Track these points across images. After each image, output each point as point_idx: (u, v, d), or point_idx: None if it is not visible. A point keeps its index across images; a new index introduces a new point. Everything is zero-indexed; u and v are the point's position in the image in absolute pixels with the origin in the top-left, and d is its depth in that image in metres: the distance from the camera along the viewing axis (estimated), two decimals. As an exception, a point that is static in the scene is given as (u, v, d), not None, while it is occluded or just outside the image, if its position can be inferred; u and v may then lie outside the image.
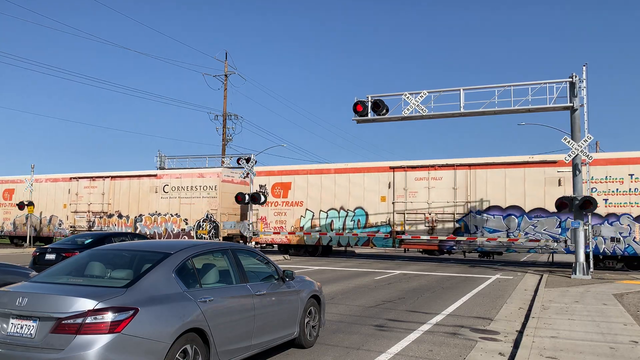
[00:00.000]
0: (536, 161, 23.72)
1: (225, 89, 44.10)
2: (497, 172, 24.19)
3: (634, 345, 7.52)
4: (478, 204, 24.43)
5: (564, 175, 22.41)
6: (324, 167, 28.65)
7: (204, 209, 30.68)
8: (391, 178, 26.20)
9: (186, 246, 6.14)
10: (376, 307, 11.38)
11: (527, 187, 23.49)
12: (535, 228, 23.16)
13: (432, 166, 25.45)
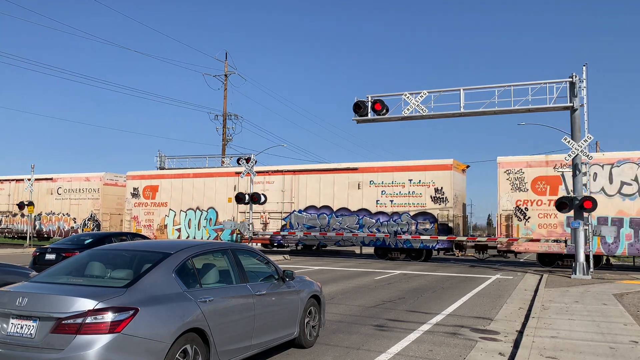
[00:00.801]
0: (342, 168, 28.46)
1: (225, 89, 44.11)
2: (314, 177, 28.78)
3: (634, 345, 7.52)
4: (300, 204, 28.95)
5: (363, 179, 27.51)
6: (184, 172, 33.34)
7: (89, 209, 35.43)
8: (236, 182, 30.45)
9: (186, 246, 6.14)
10: (376, 307, 11.38)
11: (336, 190, 28.16)
12: (340, 224, 27.87)
13: (266, 172, 29.81)
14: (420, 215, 26.19)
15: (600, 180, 22.59)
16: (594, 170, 22.41)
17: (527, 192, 23.98)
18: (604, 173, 22.56)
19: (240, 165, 28.27)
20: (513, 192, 24.22)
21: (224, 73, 44.37)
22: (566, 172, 20.69)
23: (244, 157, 28.67)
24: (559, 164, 22.20)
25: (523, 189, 24.11)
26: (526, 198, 24.04)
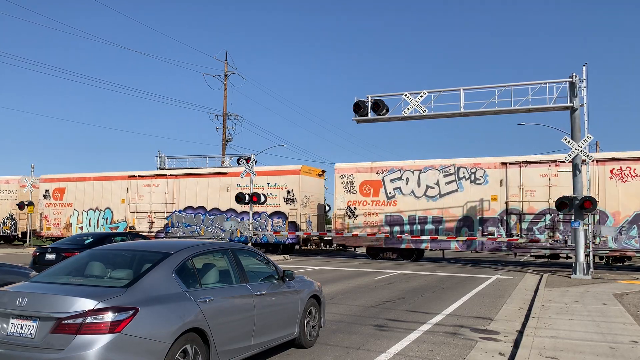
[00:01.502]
0: (215, 172, 31.96)
1: (225, 89, 44.11)
2: (192, 180, 31.91)
3: (634, 345, 7.52)
4: (180, 205, 32.13)
5: (231, 183, 30.59)
6: (87, 176, 35.76)
7: (7, 209, 38.23)
8: (128, 185, 33.71)
9: (186, 246, 6.14)
10: (376, 307, 11.38)
11: (209, 192, 31.26)
12: (212, 223, 30.92)
13: (152, 176, 33.30)
14: (275, 214, 29.53)
15: (411, 184, 26.18)
16: (406, 175, 26.33)
17: (356, 194, 27.64)
18: (414, 178, 26.13)
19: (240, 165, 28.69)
20: (346, 194, 27.66)
21: (224, 73, 44.37)
22: (386, 177, 26.45)
23: (244, 157, 28.78)
24: (381, 169, 26.78)
25: (353, 191, 27.65)
26: (355, 199, 27.59)
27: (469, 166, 25.08)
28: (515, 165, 24.26)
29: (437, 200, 25.42)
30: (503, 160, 24.53)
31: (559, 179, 23.23)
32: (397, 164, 26.87)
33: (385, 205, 26.50)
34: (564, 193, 20.94)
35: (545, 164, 23.77)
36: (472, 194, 24.82)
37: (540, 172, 23.80)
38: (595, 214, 21.84)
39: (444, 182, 25.30)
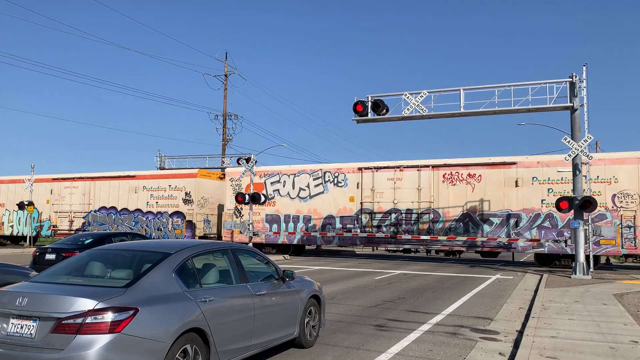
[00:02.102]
0: (124, 175, 34.05)
1: (225, 89, 44.11)
2: (106, 183, 34.47)
3: (634, 345, 7.52)
4: (95, 205, 34.63)
5: (138, 185, 33.02)
6: (18, 178, 37.71)
7: None
8: (52, 186, 36.24)
9: (186, 246, 6.14)
10: (376, 307, 11.38)
11: (120, 194, 33.81)
12: (122, 221, 33.26)
13: (73, 178, 35.79)
14: (175, 214, 31.99)
15: (287, 186, 29.02)
16: (284, 179, 29.18)
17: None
18: (290, 181, 29.02)
19: (241, 165, 28.70)
20: (234, 195, 28.99)
21: (224, 73, 44.38)
22: (267, 180, 29.32)
23: (244, 157, 28.73)
24: (263, 173, 29.58)
25: None
26: None
27: (333, 171, 28.17)
28: (369, 170, 27.19)
29: (307, 201, 28.41)
30: (359, 166, 27.55)
31: (402, 182, 26.30)
32: (276, 168, 29.84)
33: (266, 205, 29.16)
34: (406, 194, 25.96)
35: (392, 169, 26.68)
36: (335, 195, 27.88)
37: (388, 176, 26.65)
38: (429, 213, 25.63)
39: (313, 185, 28.29)
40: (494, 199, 24.74)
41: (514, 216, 24.15)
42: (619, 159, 22.80)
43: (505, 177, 24.63)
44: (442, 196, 25.54)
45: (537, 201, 23.84)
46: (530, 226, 23.81)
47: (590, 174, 21.21)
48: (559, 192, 23.17)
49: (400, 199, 26.12)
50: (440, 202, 25.58)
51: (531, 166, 24.12)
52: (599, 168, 22.69)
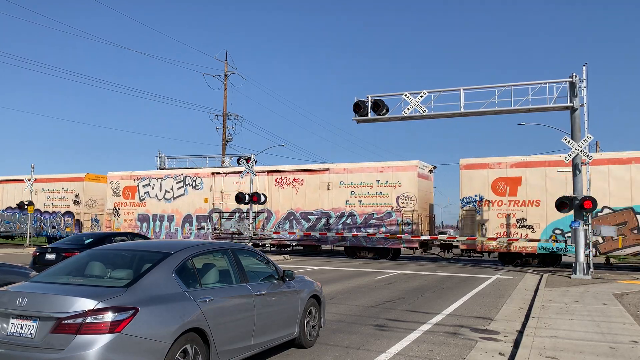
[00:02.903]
0: (17, 179, 37.54)
1: (225, 89, 44.11)
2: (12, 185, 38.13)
3: (634, 345, 7.52)
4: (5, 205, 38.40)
5: (38, 187, 36.45)
6: None
7: None
8: None
9: (186, 246, 6.14)
10: (376, 307, 11.38)
11: (23, 195, 36.37)
12: (25, 221, 35.76)
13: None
14: (67, 213, 36.11)
15: (156, 189, 33.16)
16: (153, 182, 33.29)
17: (119, 197, 34.54)
18: (158, 184, 33.07)
19: (241, 165, 28.93)
20: (113, 197, 34.48)
21: (224, 73, 44.38)
22: (140, 183, 33.27)
23: (244, 157, 28.77)
24: (137, 177, 33.63)
25: (118, 194, 34.58)
26: (119, 201, 34.58)
27: (192, 175, 32.51)
28: (220, 175, 31.55)
29: (171, 202, 32.44)
30: (212, 171, 32.04)
31: (245, 185, 29.75)
32: (147, 173, 34.13)
33: (138, 206, 33.45)
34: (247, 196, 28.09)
35: (237, 174, 30.52)
36: (194, 197, 31.94)
37: (234, 180, 30.81)
38: (264, 212, 29.62)
39: (176, 187, 32.31)
40: (312, 200, 28.79)
41: (325, 214, 28.33)
42: (401, 167, 27.34)
43: (320, 182, 28.66)
44: (274, 197, 29.54)
45: (342, 202, 28.03)
46: (337, 222, 28.02)
47: (381, 179, 27.18)
48: (360, 195, 27.59)
49: None
50: (272, 203, 29.52)
51: (339, 172, 28.32)
52: (387, 174, 27.28)
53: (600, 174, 22.47)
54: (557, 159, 22.88)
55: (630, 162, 22.37)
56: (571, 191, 19.51)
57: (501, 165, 24.57)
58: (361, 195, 27.42)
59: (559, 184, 23.10)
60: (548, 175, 23.61)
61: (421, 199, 27.15)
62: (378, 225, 27.04)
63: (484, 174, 24.84)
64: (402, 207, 26.54)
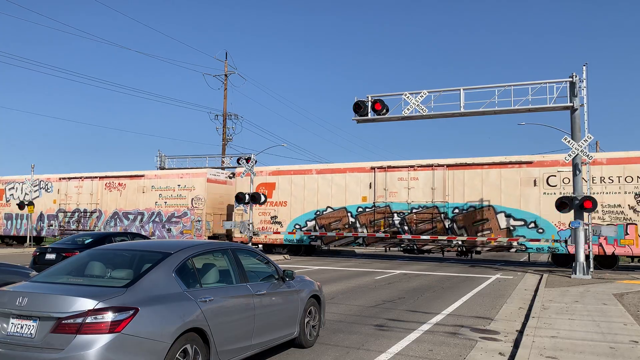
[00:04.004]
0: None
1: (225, 88, 44.12)
2: None
3: (634, 345, 7.52)
4: None
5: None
6: None
7: None
8: None
9: (186, 246, 6.14)
10: (376, 307, 11.38)
11: None
12: None
13: None
14: None
15: (18, 192, 37.49)
16: (17, 186, 37.61)
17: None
18: (20, 187, 37.42)
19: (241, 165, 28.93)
20: None
21: (224, 73, 44.39)
22: (7, 187, 37.94)
23: (244, 157, 28.73)
24: (5, 181, 38.25)
25: None
26: None
27: (45, 180, 36.53)
28: (65, 180, 35.84)
29: (25, 205, 35.01)
30: (61, 176, 36.01)
31: (83, 188, 34.99)
32: (13, 178, 38.16)
33: (5, 206, 37.93)
34: (86, 198, 34.65)
35: (77, 179, 35.27)
36: (47, 199, 36.23)
37: (74, 184, 35.32)
38: (96, 212, 34.22)
39: (33, 190, 35.99)
40: (131, 201, 33.39)
41: (140, 214, 32.86)
42: (195, 174, 32.28)
43: (137, 186, 33.20)
44: (104, 199, 34.19)
45: (153, 203, 32.49)
46: (148, 221, 32.59)
47: (181, 184, 32.00)
48: (165, 197, 32.31)
49: (81, 201, 35.06)
50: (103, 204, 34.19)
51: (152, 178, 33.03)
52: (185, 180, 32.04)
53: (325, 180, 28.21)
54: (303, 168, 29.66)
55: (345, 172, 27.83)
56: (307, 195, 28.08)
57: (262, 173, 29.71)
58: (166, 197, 32.39)
59: (300, 188, 28.65)
60: (293, 182, 28.96)
61: (214, 200, 31.86)
62: (177, 222, 32.07)
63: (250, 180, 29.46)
64: (195, 207, 31.55)
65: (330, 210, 27.73)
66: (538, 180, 23.69)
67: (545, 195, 23.31)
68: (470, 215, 24.74)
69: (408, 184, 25.98)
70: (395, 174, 26.38)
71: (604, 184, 22.57)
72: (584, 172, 19.40)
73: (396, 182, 26.29)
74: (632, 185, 22.16)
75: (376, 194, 26.59)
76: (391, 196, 26.33)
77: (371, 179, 26.84)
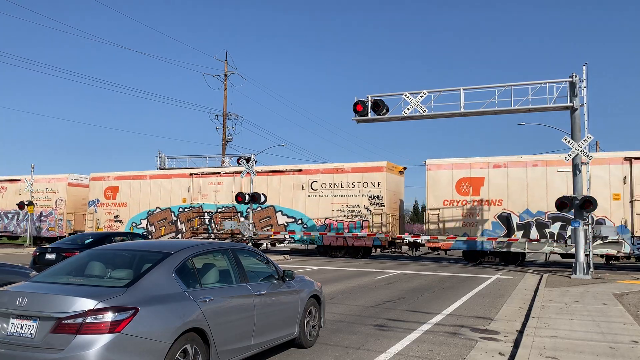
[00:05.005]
0: None
1: (225, 88, 44.11)
2: None
3: (634, 345, 7.52)
4: None
5: None
6: None
7: None
8: None
9: (186, 246, 6.14)
10: (376, 307, 11.38)
11: None
12: None
13: None
14: None
15: None
16: None
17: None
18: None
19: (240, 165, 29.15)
20: None
21: (224, 73, 44.38)
22: None
23: (244, 156, 28.74)
24: None
25: None
26: None
27: None
28: None
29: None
30: None
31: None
32: None
33: None
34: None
35: None
36: None
37: None
38: None
39: None
40: (11, 202, 36.66)
41: (17, 213, 36.86)
42: (57, 179, 36.71)
43: (16, 188, 37.39)
44: None
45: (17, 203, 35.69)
46: (23, 219, 36.48)
47: (48, 187, 37.04)
48: (38, 198, 35.97)
49: None
50: None
51: (26, 182, 35.45)
52: (50, 184, 36.60)
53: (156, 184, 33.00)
54: (140, 173, 33.89)
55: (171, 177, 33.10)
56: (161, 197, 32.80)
57: (109, 178, 34.19)
58: (37, 199, 36.10)
59: (137, 192, 33.03)
60: (132, 186, 33.40)
61: (76, 202, 36.66)
62: (45, 221, 36.56)
63: (101, 184, 34.69)
64: (59, 208, 36.23)
65: (159, 210, 32.84)
66: (306, 185, 28.69)
67: (310, 197, 28.59)
68: (259, 213, 29.61)
69: (216, 188, 31.28)
70: (207, 179, 31.66)
71: (349, 189, 27.98)
72: (584, 172, 19.37)
73: (207, 186, 31.51)
74: (367, 189, 27.71)
75: (192, 196, 31.90)
76: (203, 198, 31.54)
77: (190, 184, 32.02)
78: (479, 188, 24.46)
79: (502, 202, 23.96)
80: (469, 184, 24.74)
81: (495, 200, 24.14)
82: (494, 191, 24.07)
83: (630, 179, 21.97)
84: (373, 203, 27.13)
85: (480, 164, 24.61)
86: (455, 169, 25.02)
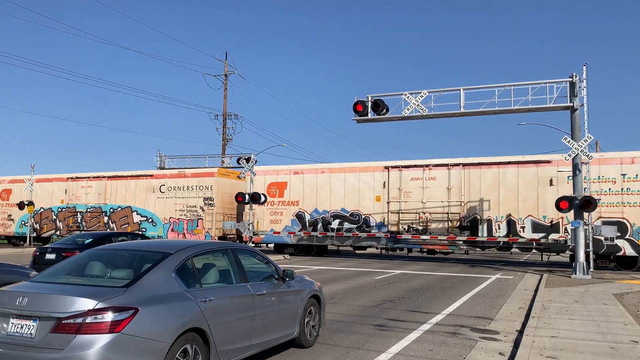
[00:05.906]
0: None
1: (225, 88, 44.13)
2: None
3: (634, 345, 7.52)
4: None
5: None
6: None
7: None
8: None
9: (186, 246, 6.14)
10: (376, 307, 11.38)
11: None
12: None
13: None
14: None
15: None
16: None
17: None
18: None
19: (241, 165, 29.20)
20: None
21: (224, 73, 44.40)
22: None
23: (244, 156, 28.77)
24: None
25: None
26: None
27: None
28: None
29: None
30: None
31: None
32: None
33: None
34: None
35: None
36: None
37: None
38: None
39: None
40: None
41: None
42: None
43: None
44: None
45: None
46: None
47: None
48: None
49: None
50: None
51: None
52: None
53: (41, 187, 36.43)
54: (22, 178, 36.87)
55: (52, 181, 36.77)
56: None
57: (3, 182, 38.19)
58: None
59: (27, 193, 35.64)
60: (22, 188, 36.60)
61: None
62: None
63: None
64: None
65: (42, 210, 36.74)
66: (156, 188, 32.20)
67: (159, 199, 32.13)
68: (119, 213, 33.30)
69: (86, 190, 34.95)
70: (79, 183, 35.47)
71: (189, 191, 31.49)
72: (583, 172, 19.38)
73: (80, 189, 35.27)
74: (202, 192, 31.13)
75: (68, 198, 35.82)
76: (76, 199, 35.39)
77: (67, 186, 35.94)
78: (283, 191, 29.15)
79: (299, 203, 28.56)
80: (276, 187, 29.32)
81: (294, 201, 28.72)
82: (294, 194, 28.74)
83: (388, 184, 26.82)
84: (207, 204, 30.76)
85: (284, 171, 29.30)
86: (267, 174, 29.42)
